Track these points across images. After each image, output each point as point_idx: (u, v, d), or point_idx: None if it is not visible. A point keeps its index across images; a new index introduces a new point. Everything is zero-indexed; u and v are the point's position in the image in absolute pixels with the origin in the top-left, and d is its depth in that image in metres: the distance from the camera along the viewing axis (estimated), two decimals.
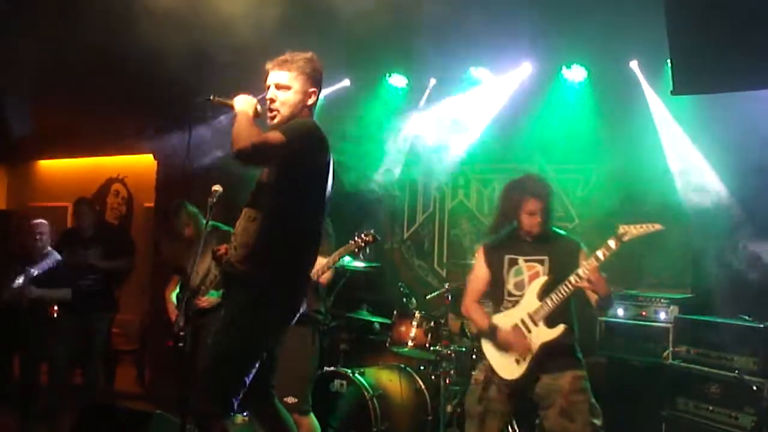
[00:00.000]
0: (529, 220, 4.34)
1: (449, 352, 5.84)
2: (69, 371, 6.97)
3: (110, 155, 11.06)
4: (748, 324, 5.04)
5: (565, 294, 4.18)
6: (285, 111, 3.62)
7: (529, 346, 4.22)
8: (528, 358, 4.22)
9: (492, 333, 4.37)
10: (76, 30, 5.88)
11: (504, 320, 4.38)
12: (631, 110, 6.54)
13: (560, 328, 4.20)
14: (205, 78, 7.03)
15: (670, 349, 5.35)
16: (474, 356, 6.05)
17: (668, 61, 5.11)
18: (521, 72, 7.01)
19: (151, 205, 9.62)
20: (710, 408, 4.97)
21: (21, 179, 12.32)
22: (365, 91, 7.61)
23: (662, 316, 5.59)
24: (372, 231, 5.04)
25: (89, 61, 6.58)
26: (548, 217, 4.38)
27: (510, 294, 4.40)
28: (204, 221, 4.61)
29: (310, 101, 3.69)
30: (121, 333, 9.16)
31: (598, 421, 4.17)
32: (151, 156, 9.47)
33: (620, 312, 5.74)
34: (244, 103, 3.63)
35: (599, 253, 4.08)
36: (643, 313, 5.68)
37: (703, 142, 6.16)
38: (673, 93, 5.15)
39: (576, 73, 6.76)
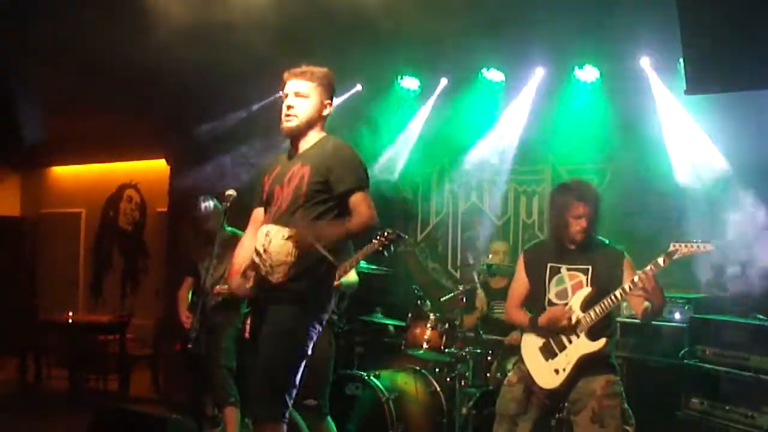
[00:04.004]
0: (574, 225, 4.25)
1: (464, 354, 5.83)
2: None
3: (123, 161, 11.12)
4: (763, 323, 5.02)
5: (609, 306, 4.10)
6: (302, 117, 3.79)
7: (570, 313, 4.15)
8: (568, 369, 4.14)
9: (534, 323, 4.30)
10: (89, 37, 5.91)
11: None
12: (643, 108, 6.52)
13: (602, 342, 4.11)
14: (215, 83, 7.09)
15: (686, 348, 5.33)
16: (489, 358, 6.05)
17: (680, 60, 5.08)
18: (533, 73, 7.02)
19: (165, 210, 9.65)
20: (726, 407, 4.94)
21: (34, 186, 12.39)
22: (377, 94, 7.62)
23: (677, 315, 5.56)
24: (393, 229, 4.98)
25: (102, 67, 6.62)
26: (594, 223, 4.28)
27: (551, 303, 4.30)
28: (223, 217, 4.59)
29: (326, 112, 3.87)
30: (135, 338, 9.21)
31: (630, 428, 4.12)
32: (163, 161, 9.52)
33: None
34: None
35: (648, 269, 4.00)
36: None
37: (717, 139, 6.14)
38: (686, 93, 5.06)
39: (588, 74, 6.75)
